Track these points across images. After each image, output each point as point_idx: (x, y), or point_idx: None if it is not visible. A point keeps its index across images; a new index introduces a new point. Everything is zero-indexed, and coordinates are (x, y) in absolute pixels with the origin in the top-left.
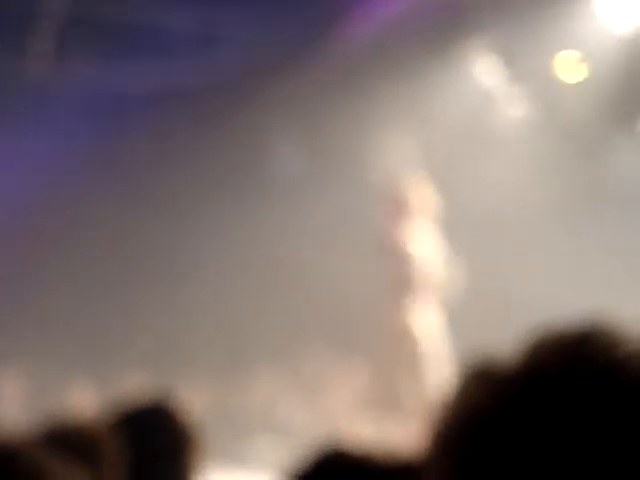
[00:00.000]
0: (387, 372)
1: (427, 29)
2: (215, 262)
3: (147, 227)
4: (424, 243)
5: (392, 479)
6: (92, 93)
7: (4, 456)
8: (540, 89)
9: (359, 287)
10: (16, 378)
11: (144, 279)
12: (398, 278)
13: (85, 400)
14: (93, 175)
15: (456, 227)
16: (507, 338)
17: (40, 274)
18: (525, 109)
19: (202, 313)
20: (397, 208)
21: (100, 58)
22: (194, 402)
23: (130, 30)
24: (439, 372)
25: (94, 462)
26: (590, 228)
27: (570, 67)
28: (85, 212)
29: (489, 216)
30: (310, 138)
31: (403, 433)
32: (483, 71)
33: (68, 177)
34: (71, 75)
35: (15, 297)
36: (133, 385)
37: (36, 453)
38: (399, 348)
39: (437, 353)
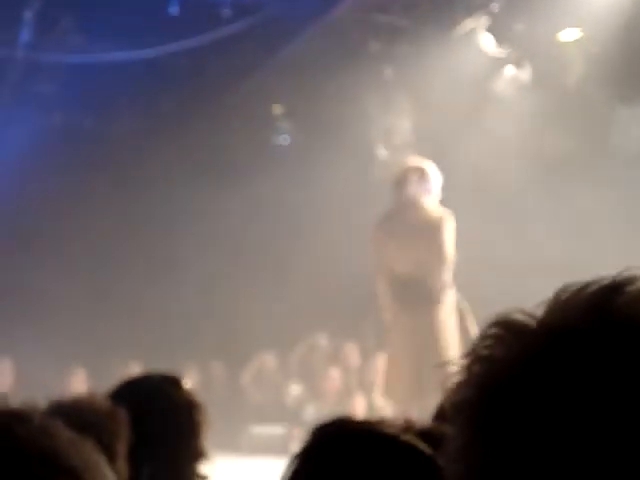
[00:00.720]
0: (397, 355)
1: None
2: (214, 246)
3: (140, 209)
4: (430, 210)
5: (404, 444)
6: (78, 67)
7: (17, 418)
8: (542, 53)
9: (363, 266)
10: (9, 370)
11: (141, 264)
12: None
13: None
14: (78, 155)
15: (459, 191)
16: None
17: (33, 263)
18: (528, 74)
19: (199, 301)
20: (401, 176)
21: (85, 31)
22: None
23: (117, 2)
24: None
25: (99, 435)
26: (592, 186)
27: (571, 31)
28: (78, 196)
29: (492, 178)
30: (311, 109)
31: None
32: (485, 38)
33: (56, 154)
34: (55, 48)
35: (9, 291)
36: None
37: (46, 417)
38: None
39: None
